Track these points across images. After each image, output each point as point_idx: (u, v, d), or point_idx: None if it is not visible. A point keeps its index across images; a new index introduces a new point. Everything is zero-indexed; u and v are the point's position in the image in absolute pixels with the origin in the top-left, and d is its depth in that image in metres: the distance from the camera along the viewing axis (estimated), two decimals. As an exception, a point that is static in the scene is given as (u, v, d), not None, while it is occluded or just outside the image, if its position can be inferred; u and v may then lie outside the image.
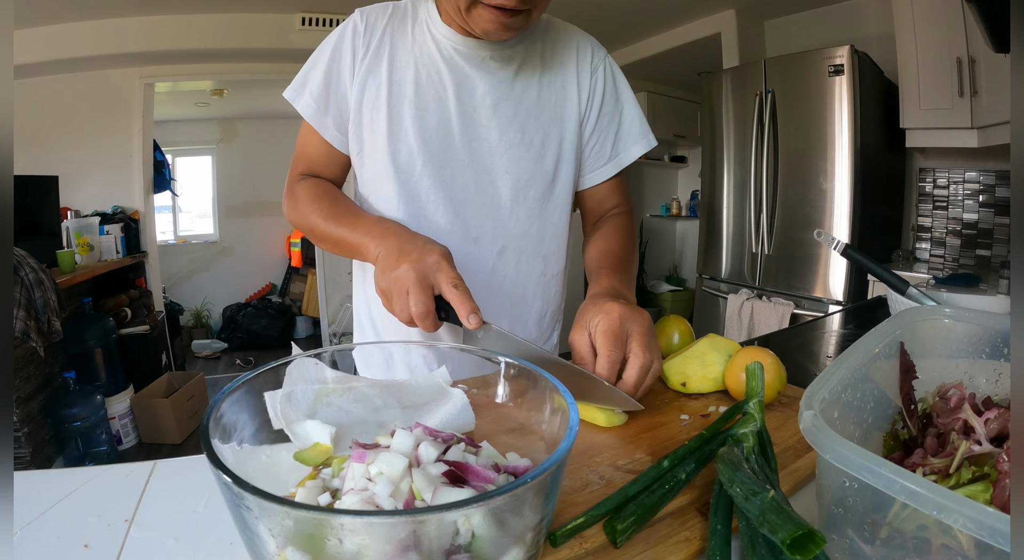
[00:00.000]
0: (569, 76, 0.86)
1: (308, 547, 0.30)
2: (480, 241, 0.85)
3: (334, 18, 3.29)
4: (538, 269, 0.90)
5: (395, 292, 0.64)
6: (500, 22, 0.71)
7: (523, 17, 0.72)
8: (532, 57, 0.85)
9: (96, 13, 2.94)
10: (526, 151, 0.84)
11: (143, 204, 3.59)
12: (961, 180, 2.66)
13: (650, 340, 0.62)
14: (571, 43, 0.88)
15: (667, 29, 3.66)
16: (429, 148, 0.81)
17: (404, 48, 0.81)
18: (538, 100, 0.85)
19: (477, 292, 0.88)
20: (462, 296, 0.61)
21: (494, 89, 0.82)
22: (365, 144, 0.83)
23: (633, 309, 0.65)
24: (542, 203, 0.87)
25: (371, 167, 0.84)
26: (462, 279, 0.63)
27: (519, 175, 0.84)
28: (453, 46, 0.81)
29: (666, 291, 4.71)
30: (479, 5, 0.70)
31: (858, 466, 0.31)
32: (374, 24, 0.81)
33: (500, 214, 0.85)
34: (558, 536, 0.40)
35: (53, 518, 0.47)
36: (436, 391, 0.52)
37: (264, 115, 4.94)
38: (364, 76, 0.80)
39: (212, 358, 4.54)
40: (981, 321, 0.52)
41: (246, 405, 0.41)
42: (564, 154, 0.87)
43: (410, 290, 0.62)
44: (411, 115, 0.80)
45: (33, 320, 2.22)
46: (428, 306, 0.62)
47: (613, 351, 0.61)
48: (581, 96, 0.87)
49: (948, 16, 2.23)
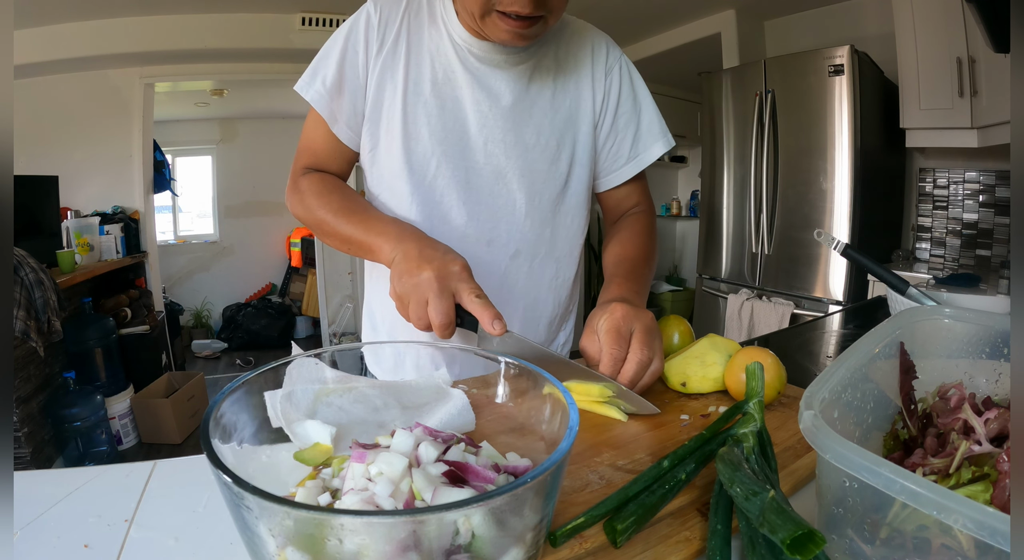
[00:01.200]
0: (584, 78, 0.85)
1: (308, 547, 0.30)
2: (493, 244, 0.84)
3: (334, 18, 3.29)
4: (550, 273, 0.89)
5: (413, 299, 0.63)
6: (515, 31, 0.70)
7: (539, 25, 0.71)
8: (546, 59, 0.83)
9: (96, 13, 2.94)
10: (541, 153, 0.83)
11: (143, 204, 3.59)
12: (961, 180, 2.66)
13: (650, 338, 0.63)
14: (586, 44, 0.86)
15: (667, 29, 3.66)
16: (444, 148, 0.80)
17: (421, 46, 0.80)
18: (552, 102, 0.84)
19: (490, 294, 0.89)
20: (484, 305, 0.62)
21: (509, 91, 0.81)
22: (380, 141, 0.82)
23: (637, 309, 0.66)
24: (555, 207, 0.86)
25: (385, 165, 0.82)
26: (482, 289, 0.64)
27: (533, 178, 0.83)
28: (468, 47, 0.80)
29: (666, 291, 4.71)
30: (494, 13, 0.69)
31: (858, 466, 0.31)
32: (388, 17, 0.79)
33: (515, 217, 0.84)
34: (558, 536, 0.40)
35: (53, 518, 0.46)
36: (436, 391, 0.52)
37: (264, 115, 4.95)
38: (381, 72, 0.79)
39: (212, 358, 4.54)
40: (981, 321, 0.52)
41: (246, 405, 0.41)
42: (578, 157, 0.86)
43: (431, 299, 0.62)
44: (427, 114, 0.79)
45: (33, 320, 2.22)
46: (450, 316, 0.62)
47: (614, 349, 0.62)
48: (596, 98, 0.86)
49: (948, 16, 2.23)
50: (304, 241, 5.04)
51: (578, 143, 0.86)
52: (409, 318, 0.64)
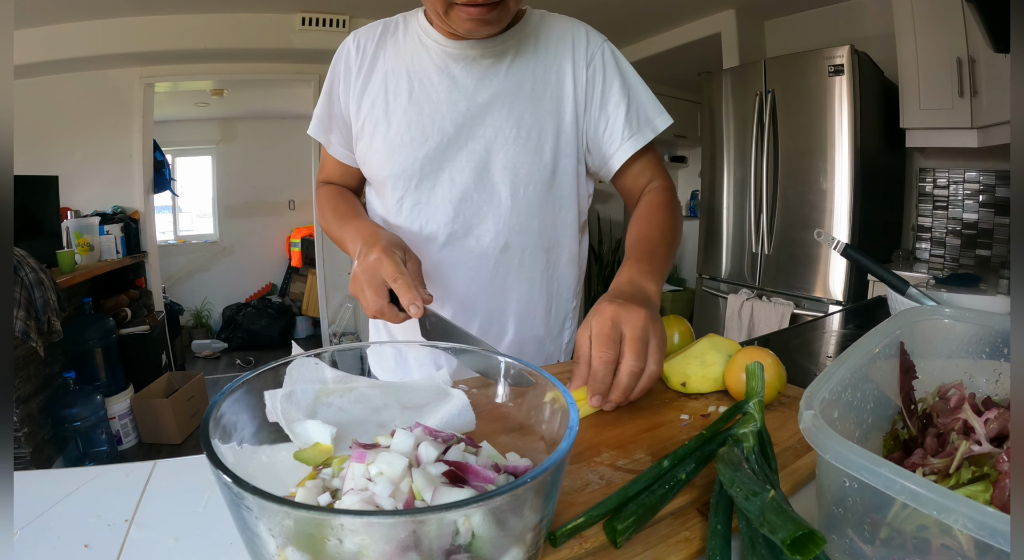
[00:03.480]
0: (564, 67, 0.85)
1: (308, 547, 0.30)
2: (482, 238, 0.86)
3: (334, 18, 3.29)
4: (541, 264, 0.90)
5: (357, 294, 0.71)
6: (477, 18, 0.73)
7: (499, 11, 0.74)
8: (524, 52, 0.85)
9: (96, 13, 2.94)
10: (523, 145, 0.84)
11: (143, 204, 3.59)
12: (961, 180, 2.66)
13: (641, 344, 0.60)
14: (565, 34, 0.86)
15: (667, 29, 3.66)
16: (426, 152, 0.83)
17: (396, 60, 0.85)
18: (532, 94, 0.84)
19: (482, 289, 0.89)
20: (402, 287, 0.66)
21: (486, 86, 0.83)
22: (367, 154, 0.87)
23: (628, 309, 0.61)
24: (542, 197, 0.87)
25: (374, 175, 0.88)
26: (403, 271, 0.67)
27: (517, 170, 0.84)
28: (443, 50, 0.83)
29: (666, 291, 4.70)
30: (454, 6, 0.73)
31: (858, 466, 0.31)
32: (365, 45, 0.87)
33: (500, 210, 0.85)
34: (558, 536, 0.40)
35: (53, 518, 0.46)
36: (436, 391, 0.52)
37: (264, 115, 4.94)
38: (360, 93, 0.86)
39: (212, 358, 4.54)
40: (981, 321, 0.52)
41: (246, 405, 0.41)
42: (562, 147, 0.86)
43: (364, 289, 0.68)
44: (406, 122, 0.83)
45: (33, 320, 2.22)
46: (379, 303, 0.68)
47: (603, 352, 0.59)
48: (577, 86, 0.85)
49: (948, 16, 2.23)
50: (304, 241, 5.04)
51: (562, 133, 0.86)
52: (367, 311, 0.71)
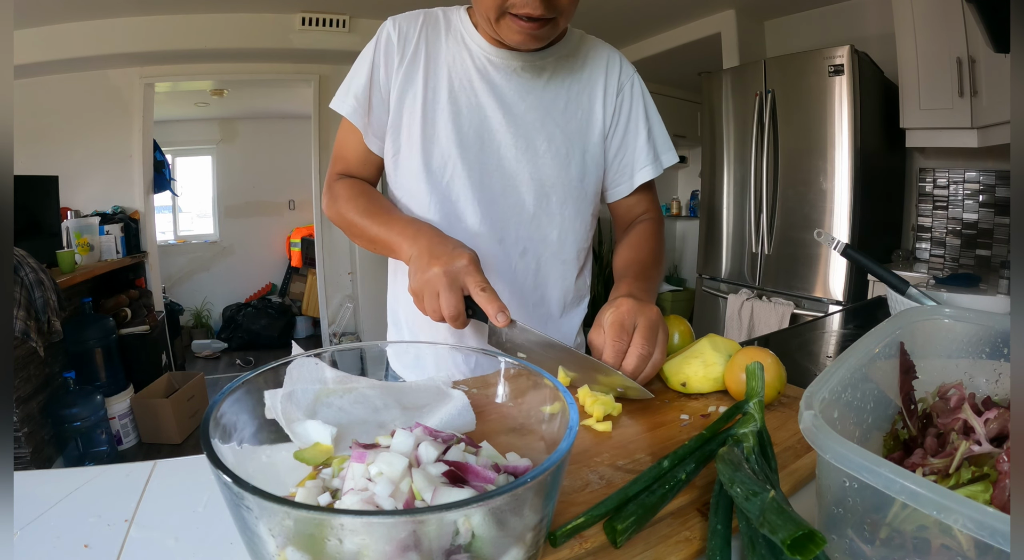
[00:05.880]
0: (596, 91, 0.90)
1: (308, 547, 0.29)
2: (504, 242, 0.88)
3: (334, 18, 3.29)
4: (556, 273, 0.92)
5: (426, 293, 0.68)
6: (528, 32, 0.74)
7: (550, 27, 0.75)
8: (562, 69, 0.88)
9: (96, 13, 2.94)
10: (551, 160, 0.87)
11: (143, 204, 3.59)
12: (961, 180, 2.66)
13: (652, 333, 0.65)
14: (601, 59, 0.91)
15: (667, 29, 3.66)
16: (460, 152, 0.84)
17: (438, 57, 0.85)
18: (565, 111, 0.88)
19: (500, 290, 0.91)
20: (489, 298, 0.65)
21: (524, 98, 0.85)
22: (401, 147, 0.87)
23: (643, 304, 0.68)
24: (563, 209, 0.90)
25: (405, 169, 0.87)
26: (488, 282, 0.67)
27: (543, 181, 0.87)
28: (486, 56, 0.84)
29: (666, 291, 4.71)
30: (507, 16, 0.74)
31: (858, 466, 0.31)
32: (407, 33, 0.85)
33: (523, 217, 0.88)
34: (558, 536, 0.40)
35: (53, 518, 0.46)
36: (436, 392, 0.52)
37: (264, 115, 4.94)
38: (402, 84, 0.84)
39: (212, 358, 4.54)
40: (981, 321, 0.52)
41: (246, 405, 0.41)
42: (587, 165, 0.90)
43: (441, 292, 0.67)
44: (444, 120, 0.84)
45: (33, 320, 2.22)
46: (458, 308, 0.67)
47: (616, 341, 0.64)
48: (606, 111, 0.90)
49: (948, 16, 2.23)
50: (304, 241, 5.04)
51: (587, 152, 0.90)
52: (425, 311, 0.69)
